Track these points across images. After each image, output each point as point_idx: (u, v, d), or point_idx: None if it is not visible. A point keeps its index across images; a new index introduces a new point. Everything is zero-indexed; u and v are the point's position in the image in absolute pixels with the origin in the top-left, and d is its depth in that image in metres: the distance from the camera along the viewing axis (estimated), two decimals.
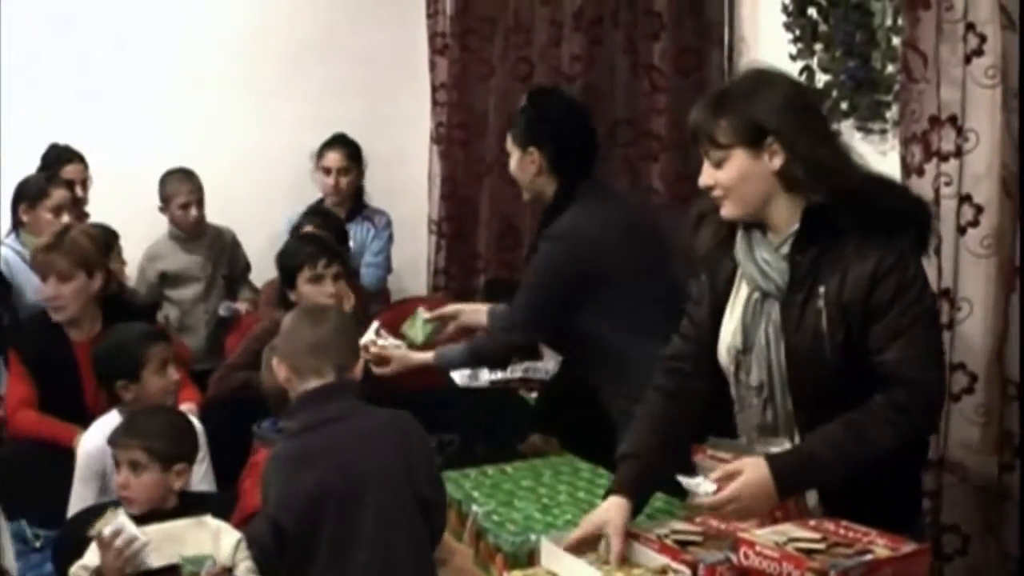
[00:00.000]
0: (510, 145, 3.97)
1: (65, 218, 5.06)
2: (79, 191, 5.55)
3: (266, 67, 6.38)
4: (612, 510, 2.77)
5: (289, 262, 4.52)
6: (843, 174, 2.71)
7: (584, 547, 2.73)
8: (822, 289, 2.71)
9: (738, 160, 2.74)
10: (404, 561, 3.02)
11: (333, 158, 5.89)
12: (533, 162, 3.89)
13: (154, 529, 2.96)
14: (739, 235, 2.85)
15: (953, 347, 3.42)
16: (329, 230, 5.13)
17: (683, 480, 2.75)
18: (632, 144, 5.00)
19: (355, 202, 5.95)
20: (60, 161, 5.55)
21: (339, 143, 5.93)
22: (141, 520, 3.05)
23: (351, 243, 5.81)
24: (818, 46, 4.05)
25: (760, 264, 2.79)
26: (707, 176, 2.80)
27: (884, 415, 2.64)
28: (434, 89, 6.44)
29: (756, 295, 2.82)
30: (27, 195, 5.16)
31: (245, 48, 6.34)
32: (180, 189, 5.62)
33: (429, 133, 6.52)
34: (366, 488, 3.01)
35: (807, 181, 2.70)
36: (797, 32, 4.10)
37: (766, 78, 2.82)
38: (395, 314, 5.91)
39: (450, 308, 4.40)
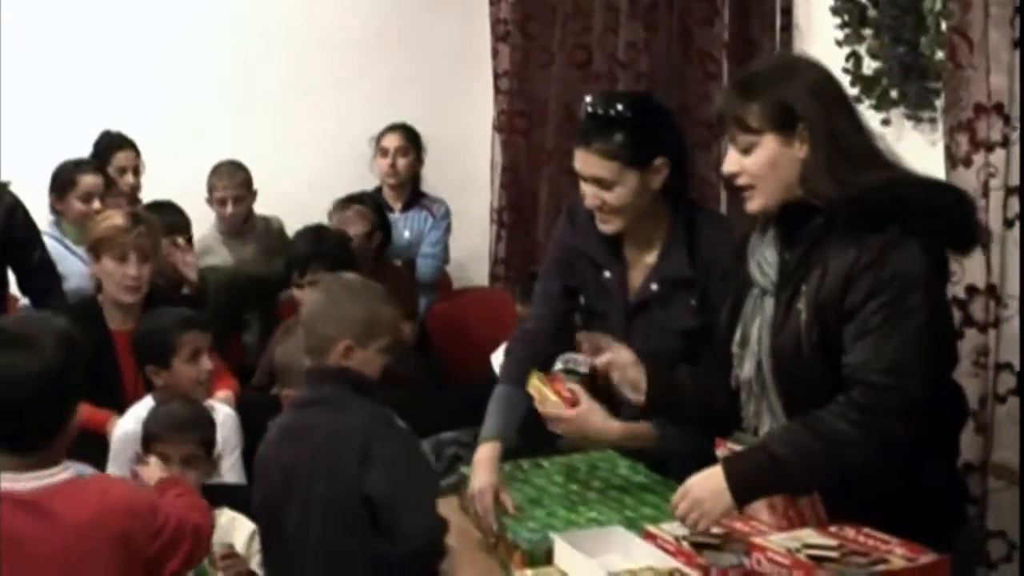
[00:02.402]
0: (613, 170, 3.10)
1: (96, 204, 5.06)
2: (131, 178, 5.55)
3: (326, 56, 6.34)
4: None
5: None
6: (858, 173, 2.56)
7: None
8: (804, 288, 2.61)
9: (768, 146, 2.62)
10: (345, 555, 2.99)
11: (390, 139, 5.88)
12: (659, 172, 3.14)
13: None
14: (754, 232, 2.77)
15: (999, 346, 3.30)
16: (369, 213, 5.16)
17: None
18: (684, 132, 4.89)
19: (413, 191, 5.91)
20: (111, 148, 5.55)
21: (398, 127, 5.93)
22: None
23: (407, 233, 5.77)
24: (867, 31, 3.91)
25: (759, 260, 2.72)
26: (732, 163, 2.67)
27: (843, 414, 2.51)
28: (496, 76, 6.37)
29: (756, 291, 2.74)
30: (56, 185, 5.17)
31: (304, 38, 6.31)
32: (219, 183, 5.61)
33: (491, 122, 6.45)
34: (319, 478, 2.98)
35: (820, 176, 2.57)
36: (845, 17, 3.97)
37: (795, 64, 2.74)
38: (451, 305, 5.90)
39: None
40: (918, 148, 3.69)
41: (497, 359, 4.96)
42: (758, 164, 2.63)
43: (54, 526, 2.49)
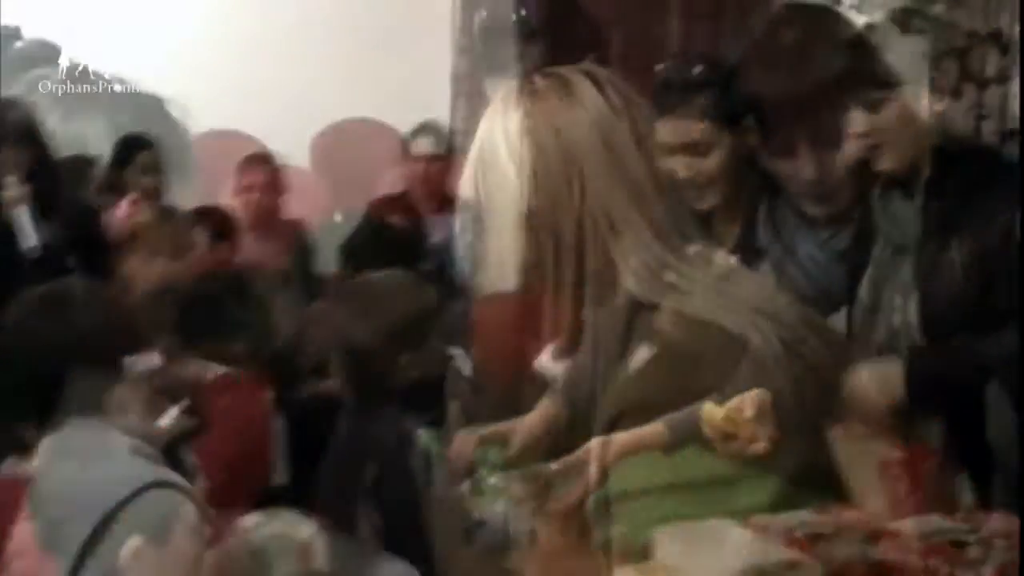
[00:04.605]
0: (706, 132, 2.92)
1: None
2: None
3: None
4: None
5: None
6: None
7: None
8: (955, 240, 2.55)
9: (902, 101, 2.57)
10: None
11: None
12: (748, 133, 2.98)
13: None
14: (875, 192, 2.70)
15: None
16: None
17: None
18: None
19: None
20: None
21: None
22: None
23: None
24: None
25: (892, 216, 2.66)
26: (860, 122, 2.59)
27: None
28: None
29: (888, 250, 2.67)
30: None
31: None
32: None
33: None
34: None
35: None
36: None
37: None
38: None
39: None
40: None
41: None
42: (889, 121, 2.57)
43: None
